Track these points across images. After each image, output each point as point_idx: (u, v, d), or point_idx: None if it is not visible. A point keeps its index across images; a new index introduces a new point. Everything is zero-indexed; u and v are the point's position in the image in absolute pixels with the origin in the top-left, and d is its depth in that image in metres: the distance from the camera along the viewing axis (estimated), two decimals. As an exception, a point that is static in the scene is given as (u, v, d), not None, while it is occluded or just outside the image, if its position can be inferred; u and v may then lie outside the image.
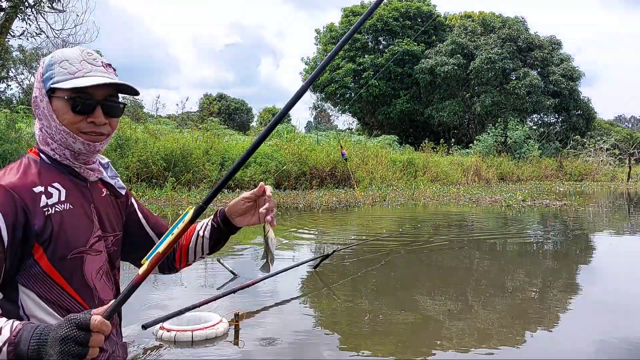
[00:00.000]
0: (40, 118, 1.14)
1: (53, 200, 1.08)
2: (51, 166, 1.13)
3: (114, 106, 1.16)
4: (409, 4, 35.28)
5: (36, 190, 1.06)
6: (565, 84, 31.19)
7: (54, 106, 1.10)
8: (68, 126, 1.10)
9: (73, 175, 1.15)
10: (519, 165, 24.24)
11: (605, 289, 4.31)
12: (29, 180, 1.07)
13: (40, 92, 1.12)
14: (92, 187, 1.19)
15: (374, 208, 11.13)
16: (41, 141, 1.15)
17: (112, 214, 1.24)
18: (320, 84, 35.55)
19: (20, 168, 1.10)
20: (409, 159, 19.18)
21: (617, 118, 73.03)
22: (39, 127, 1.16)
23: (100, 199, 1.20)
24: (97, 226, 1.16)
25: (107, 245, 1.19)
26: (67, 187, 1.12)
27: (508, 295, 3.99)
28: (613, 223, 8.91)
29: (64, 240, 1.07)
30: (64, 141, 1.11)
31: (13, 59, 22.73)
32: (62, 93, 1.10)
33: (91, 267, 1.13)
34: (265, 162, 14.24)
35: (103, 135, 1.15)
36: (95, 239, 1.14)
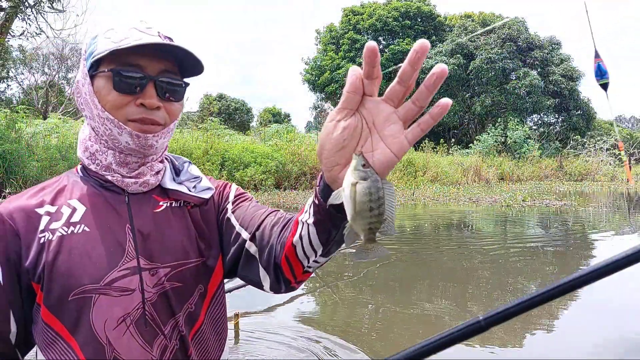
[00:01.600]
0: (83, 109, 0.87)
1: (58, 223, 0.82)
2: (84, 179, 0.89)
3: (171, 84, 0.85)
4: (408, 4, 35.27)
5: (40, 211, 0.83)
6: (565, 84, 31.18)
7: (95, 87, 0.84)
8: (112, 111, 0.83)
9: (105, 188, 0.87)
10: (519, 165, 24.23)
11: (605, 289, 4.31)
12: (36, 201, 0.85)
13: (83, 72, 0.86)
14: (134, 200, 0.87)
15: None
16: (80, 144, 0.90)
17: (176, 234, 0.88)
18: (320, 83, 35.55)
19: (42, 186, 0.90)
20: (409, 159, 19.16)
21: (617, 118, 73.02)
22: (85, 124, 0.91)
23: (149, 216, 0.87)
24: (132, 254, 0.82)
25: (158, 281, 0.83)
26: (91, 203, 0.85)
27: (508, 295, 3.99)
28: (613, 223, 8.91)
29: (62, 273, 0.78)
30: (109, 134, 0.84)
31: (13, 59, 22.73)
32: (103, 66, 0.83)
33: (104, 312, 0.79)
34: (265, 162, 14.24)
35: (158, 125, 0.85)
36: (124, 272, 0.81)
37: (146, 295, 0.82)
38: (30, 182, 9.10)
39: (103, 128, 0.84)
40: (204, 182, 0.95)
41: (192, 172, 0.97)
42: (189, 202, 0.92)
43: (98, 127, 0.85)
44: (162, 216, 0.88)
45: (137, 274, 0.82)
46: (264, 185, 13.66)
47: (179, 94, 0.88)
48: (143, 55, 0.83)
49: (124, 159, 0.87)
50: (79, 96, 0.88)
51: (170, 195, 0.91)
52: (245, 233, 0.90)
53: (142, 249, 0.84)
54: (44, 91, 24.98)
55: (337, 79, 34.36)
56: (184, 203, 0.92)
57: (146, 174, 0.89)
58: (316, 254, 0.79)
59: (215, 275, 0.92)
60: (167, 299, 0.84)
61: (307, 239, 0.78)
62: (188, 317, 0.86)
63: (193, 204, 0.93)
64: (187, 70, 0.90)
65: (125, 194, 0.87)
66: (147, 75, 0.83)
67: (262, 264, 0.87)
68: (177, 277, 0.85)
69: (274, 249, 0.85)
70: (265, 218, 0.90)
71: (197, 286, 0.88)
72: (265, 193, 13.03)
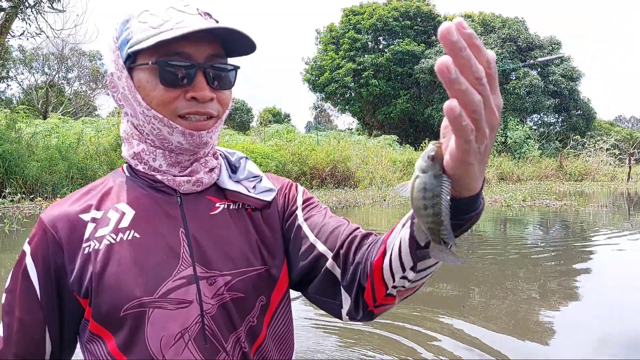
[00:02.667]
0: (122, 105, 0.78)
1: (105, 229, 0.74)
2: (132, 180, 0.81)
3: (222, 71, 0.76)
4: (408, 4, 35.28)
5: (85, 217, 0.75)
6: (565, 84, 31.20)
7: (136, 81, 0.74)
8: (159, 108, 0.73)
9: (154, 189, 0.79)
10: (519, 165, 24.23)
11: (605, 289, 4.31)
12: (81, 206, 0.77)
13: (117, 63, 0.75)
14: (187, 202, 0.79)
15: (374, 208, 11.12)
16: (126, 142, 0.81)
17: (236, 238, 0.79)
18: (320, 83, 35.56)
19: (88, 189, 0.81)
20: (409, 159, 19.17)
21: (617, 118, 73.05)
22: (125, 120, 0.81)
23: (204, 219, 0.78)
24: (187, 261, 0.74)
25: (217, 291, 0.74)
26: (140, 206, 0.77)
27: (508, 295, 3.99)
28: (613, 223, 8.90)
29: (111, 286, 0.70)
30: (158, 134, 0.75)
31: (13, 59, 22.74)
32: (144, 58, 0.73)
33: (160, 328, 0.70)
34: (265, 162, 14.24)
35: (211, 119, 0.76)
36: (180, 281, 0.72)
37: (205, 308, 0.73)
38: (30, 182, 9.10)
39: (150, 127, 0.75)
40: (264, 182, 0.86)
41: (251, 170, 0.86)
42: (249, 204, 0.82)
43: (143, 126, 0.76)
44: (220, 219, 0.79)
45: (193, 283, 0.73)
46: (264, 185, 13.65)
47: (230, 80, 0.78)
48: (187, 39, 0.72)
49: (175, 158, 0.78)
50: (115, 91, 0.78)
51: (228, 196, 0.82)
52: (324, 247, 0.80)
53: (198, 255, 0.75)
54: (44, 91, 24.99)
55: (337, 78, 34.36)
56: (243, 205, 0.83)
57: (199, 172, 0.80)
58: (404, 268, 0.68)
59: (279, 286, 0.82)
60: (228, 311, 0.75)
61: (396, 251, 0.67)
62: (250, 331, 0.77)
63: (254, 207, 0.83)
64: (234, 50, 0.78)
65: (177, 195, 0.79)
66: (195, 64, 0.73)
67: (344, 285, 0.78)
68: (238, 286, 0.76)
69: (359, 270, 0.76)
70: (349, 234, 0.80)
71: (258, 297, 0.78)
72: (265, 193, 13.01)
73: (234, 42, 0.76)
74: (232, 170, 0.86)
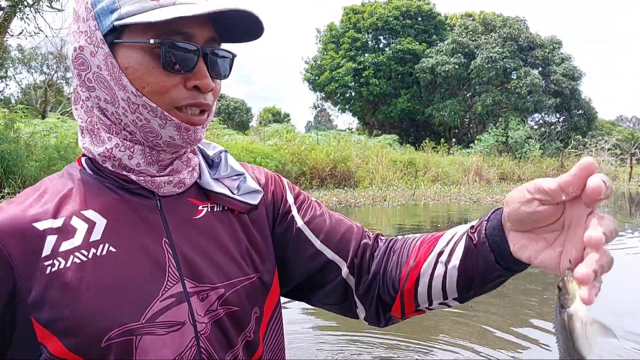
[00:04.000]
0: (92, 87, 0.63)
1: (71, 243, 0.59)
2: (97, 179, 0.66)
3: (221, 58, 0.66)
4: (409, 3, 35.28)
5: (40, 226, 0.59)
6: (567, 83, 31.18)
7: (122, 61, 0.61)
8: (154, 97, 0.61)
9: (127, 191, 0.65)
10: (520, 165, 24.21)
11: (605, 289, 4.27)
12: (34, 212, 0.61)
13: (92, 36, 0.61)
14: (167, 205, 0.67)
15: (375, 208, 11.09)
16: (89, 134, 0.66)
17: (225, 244, 0.69)
18: (320, 83, 35.58)
19: (41, 190, 0.65)
20: (409, 158, 19.15)
21: (619, 118, 73.10)
22: (84, 109, 0.66)
23: (188, 225, 0.68)
24: (174, 277, 0.63)
25: (210, 307, 0.65)
26: (113, 213, 0.63)
27: (508, 294, 3.96)
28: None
29: (89, 314, 0.57)
30: (144, 126, 0.63)
31: (12, 58, 22.73)
32: (137, 34, 0.60)
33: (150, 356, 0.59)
34: (265, 162, 14.21)
35: (204, 112, 0.66)
36: (169, 301, 0.62)
37: (199, 328, 0.63)
38: (28, 182, 9.07)
39: (134, 117, 0.62)
40: (249, 182, 0.75)
41: (234, 167, 0.75)
42: (234, 208, 0.72)
43: (122, 115, 0.62)
44: (205, 224, 0.69)
45: (184, 301, 0.63)
46: (263, 185, 13.65)
47: (227, 69, 0.68)
48: (189, 18, 0.60)
49: (157, 156, 0.65)
50: (84, 69, 0.62)
51: (211, 197, 0.71)
52: (335, 256, 0.75)
53: (186, 268, 0.64)
54: (42, 91, 25.00)
55: (337, 78, 34.37)
56: (229, 207, 0.72)
57: (181, 171, 0.68)
58: (446, 297, 0.66)
59: (271, 294, 0.74)
60: (223, 328, 0.66)
61: (438, 281, 0.65)
62: (246, 347, 0.69)
63: (240, 209, 0.73)
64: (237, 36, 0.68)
65: (155, 198, 0.66)
66: (199, 47, 0.62)
67: (359, 295, 0.74)
68: (232, 299, 0.67)
69: (377, 284, 0.72)
70: (360, 240, 0.76)
71: (253, 309, 0.70)
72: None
73: (237, 27, 0.67)
74: (209, 165, 0.75)
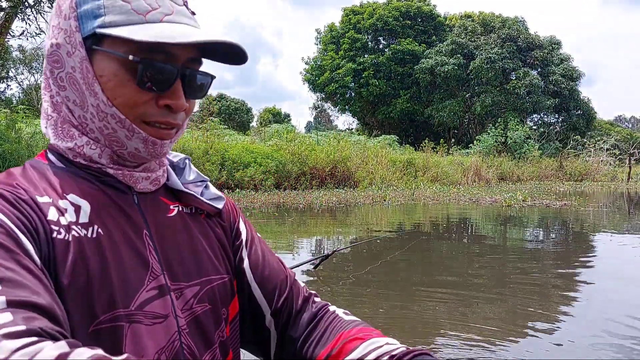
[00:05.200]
0: (63, 86, 0.62)
1: (67, 219, 0.58)
2: (64, 171, 0.63)
3: (200, 80, 0.66)
4: (409, 4, 35.31)
5: (41, 200, 0.58)
6: (565, 83, 31.21)
7: (97, 68, 0.60)
8: (124, 109, 0.61)
9: (104, 184, 0.64)
10: (519, 165, 24.23)
11: (605, 289, 4.31)
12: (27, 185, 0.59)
13: (72, 36, 0.60)
14: (144, 201, 0.67)
15: (374, 208, 11.12)
16: (57, 131, 0.65)
17: (198, 243, 0.70)
18: (320, 83, 35.58)
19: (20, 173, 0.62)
20: (409, 159, 19.18)
21: (617, 118, 73.08)
22: (53, 102, 0.65)
23: (162, 222, 0.67)
24: (157, 270, 0.63)
25: (185, 305, 0.65)
26: (94, 201, 0.62)
27: (509, 294, 3.99)
28: (613, 223, 8.91)
29: (82, 292, 0.55)
30: (110, 135, 0.62)
31: (13, 59, 22.74)
32: (117, 45, 0.60)
33: (139, 349, 0.58)
34: (265, 162, 14.24)
35: (174, 129, 0.66)
36: (153, 292, 0.61)
37: (180, 323, 0.63)
38: (30, 182, 9.09)
39: (101, 124, 0.61)
40: (212, 189, 0.77)
41: (199, 173, 0.77)
42: (202, 210, 0.73)
43: (90, 120, 0.62)
44: (178, 222, 0.69)
45: (166, 294, 0.62)
46: (263, 185, 13.66)
47: (204, 90, 0.68)
48: None
49: (122, 162, 0.65)
50: (58, 67, 0.62)
51: (181, 198, 0.72)
52: (263, 300, 0.76)
53: (165, 264, 0.64)
54: (44, 91, 24.96)
55: (337, 78, 34.39)
56: (197, 210, 0.73)
57: (156, 170, 0.69)
58: None
59: (235, 298, 0.75)
60: (201, 326, 0.66)
61: None
62: (222, 348, 0.69)
63: (207, 212, 0.74)
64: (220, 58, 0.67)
65: (132, 194, 0.66)
66: (177, 68, 0.62)
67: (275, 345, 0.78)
68: (207, 297, 0.67)
69: (293, 346, 0.76)
70: (289, 292, 0.78)
71: (222, 309, 0.70)
72: (265, 193, 13.03)
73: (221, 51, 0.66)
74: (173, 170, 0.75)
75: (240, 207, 10.96)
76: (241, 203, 11.07)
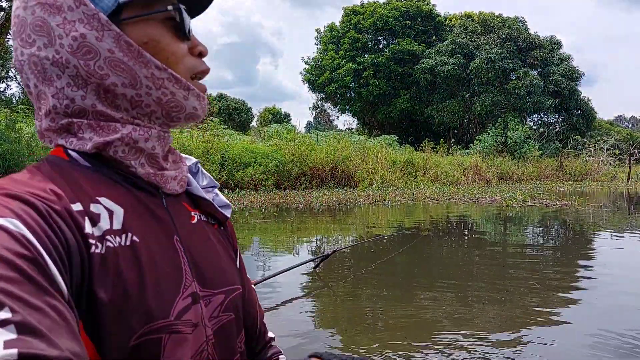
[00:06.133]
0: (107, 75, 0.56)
1: (99, 228, 0.53)
2: (91, 171, 0.58)
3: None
4: (408, 4, 35.32)
5: (75, 208, 0.51)
6: (565, 83, 31.22)
7: (136, 37, 0.57)
8: (175, 67, 0.59)
9: (133, 185, 0.60)
10: (519, 165, 24.24)
11: (605, 289, 4.31)
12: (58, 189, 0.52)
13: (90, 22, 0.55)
14: (171, 204, 0.63)
15: (374, 208, 11.12)
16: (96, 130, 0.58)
17: (220, 252, 0.68)
18: (320, 83, 35.59)
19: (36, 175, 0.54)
20: (409, 159, 19.18)
21: (617, 118, 73.08)
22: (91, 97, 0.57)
23: (189, 227, 0.64)
24: (190, 276, 0.60)
25: (213, 313, 0.62)
26: (127, 204, 0.57)
27: (508, 294, 3.99)
28: (613, 223, 8.91)
29: (123, 307, 0.51)
30: (169, 101, 0.59)
31: (13, 58, 22.76)
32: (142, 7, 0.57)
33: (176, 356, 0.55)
34: (265, 162, 14.24)
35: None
36: (187, 300, 0.58)
37: (207, 333, 0.60)
38: (30, 182, 9.09)
39: (158, 93, 0.58)
40: (221, 196, 0.73)
41: (212, 178, 0.73)
42: (215, 219, 0.71)
43: (142, 96, 0.58)
44: (200, 229, 0.66)
45: (198, 302, 0.59)
46: (263, 185, 13.67)
47: None
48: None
49: (165, 141, 0.62)
50: (91, 57, 0.55)
51: (201, 205, 0.68)
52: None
53: (195, 270, 0.61)
54: (44, 91, 24.94)
55: (337, 78, 34.40)
56: (210, 218, 0.70)
57: (178, 163, 0.65)
58: None
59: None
60: (225, 335, 0.63)
61: None
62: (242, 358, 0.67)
63: (219, 221, 0.71)
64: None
65: (160, 196, 0.62)
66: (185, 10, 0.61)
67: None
68: (231, 306, 0.65)
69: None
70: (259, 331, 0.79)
71: (242, 319, 0.68)
72: (265, 193, 13.03)
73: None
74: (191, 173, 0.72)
75: (240, 207, 10.84)
76: (241, 203, 11.08)
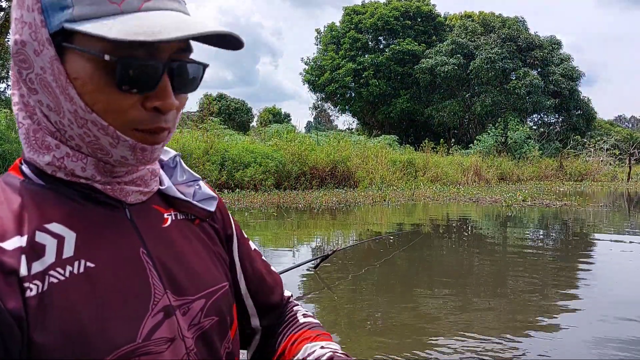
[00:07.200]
0: (33, 89, 0.53)
1: (42, 263, 0.50)
2: (44, 189, 0.55)
3: (191, 71, 0.56)
4: (408, 4, 35.32)
5: (8, 246, 0.48)
6: (565, 83, 31.21)
7: (70, 69, 0.51)
8: (107, 115, 0.52)
9: (91, 201, 0.57)
10: (519, 165, 24.23)
11: (605, 289, 4.31)
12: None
13: (35, 31, 0.51)
14: (136, 214, 0.60)
15: (374, 208, 11.12)
16: (29, 141, 0.56)
17: (197, 252, 0.65)
18: (320, 84, 35.59)
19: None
20: (409, 159, 19.17)
21: (617, 118, 73.09)
22: (30, 106, 0.55)
23: (158, 234, 0.62)
24: (160, 289, 0.57)
25: (192, 320, 0.60)
26: (81, 225, 0.54)
27: (508, 294, 3.99)
28: (613, 223, 8.90)
29: (76, 342, 0.49)
30: (92, 142, 0.54)
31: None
32: (90, 42, 0.50)
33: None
34: (265, 162, 14.24)
35: (165, 131, 0.56)
36: (159, 316, 0.56)
37: (187, 344, 0.58)
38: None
39: (81, 131, 0.53)
40: (204, 189, 0.70)
41: (190, 171, 0.70)
42: (196, 215, 0.68)
43: (68, 127, 0.53)
44: (174, 232, 0.63)
45: (172, 314, 0.57)
46: (264, 185, 13.67)
47: (197, 82, 0.58)
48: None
49: (111, 169, 0.57)
50: (26, 67, 0.52)
51: (176, 205, 0.66)
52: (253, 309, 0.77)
53: (167, 280, 0.58)
54: (44, 91, 24.95)
55: (337, 78, 34.39)
56: (189, 215, 0.68)
57: (148, 181, 0.62)
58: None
59: (234, 304, 0.72)
60: (208, 342, 0.61)
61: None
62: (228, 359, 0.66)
63: (200, 216, 0.68)
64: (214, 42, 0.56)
65: (123, 207, 0.59)
66: (162, 62, 0.52)
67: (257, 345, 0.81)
68: (213, 309, 0.63)
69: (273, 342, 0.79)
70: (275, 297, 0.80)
71: (227, 317, 0.66)
72: (265, 193, 13.03)
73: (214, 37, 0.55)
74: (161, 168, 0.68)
75: (240, 208, 10.82)
76: (241, 203, 11.08)
